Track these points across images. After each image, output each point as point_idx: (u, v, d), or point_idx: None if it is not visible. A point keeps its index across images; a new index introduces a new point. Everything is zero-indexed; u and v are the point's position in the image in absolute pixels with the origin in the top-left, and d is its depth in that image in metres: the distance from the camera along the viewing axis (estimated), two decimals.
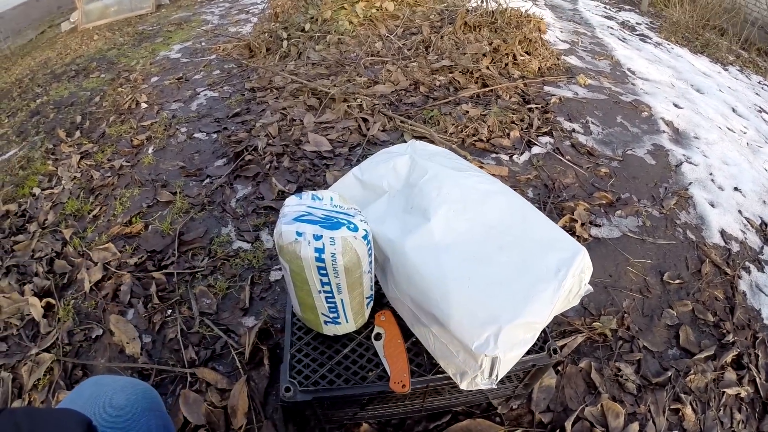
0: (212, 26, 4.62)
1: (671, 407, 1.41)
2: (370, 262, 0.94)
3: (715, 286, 1.80)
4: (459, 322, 0.85)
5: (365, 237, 0.87)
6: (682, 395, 1.43)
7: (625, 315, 1.64)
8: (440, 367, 0.96)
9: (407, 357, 0.99)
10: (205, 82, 3.23)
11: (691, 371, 1.50)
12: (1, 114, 3.46)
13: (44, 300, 1.68)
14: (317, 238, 0.83)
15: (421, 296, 0.90)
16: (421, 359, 1.01)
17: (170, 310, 1.65)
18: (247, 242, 1.88)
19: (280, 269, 1.73)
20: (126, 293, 1.71)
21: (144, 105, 3.02)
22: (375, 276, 1.06)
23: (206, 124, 2.70)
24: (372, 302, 1.06)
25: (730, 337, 1.61)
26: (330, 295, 0.91)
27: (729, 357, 1.55)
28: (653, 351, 1.56)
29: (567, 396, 1.41)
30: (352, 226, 0.85)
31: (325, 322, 1.00)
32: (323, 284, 0.89)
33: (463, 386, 0.91)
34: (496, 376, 0.87)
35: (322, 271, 0.86)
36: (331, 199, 0.92)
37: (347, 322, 1.01)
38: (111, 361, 1.52)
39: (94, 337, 1.60)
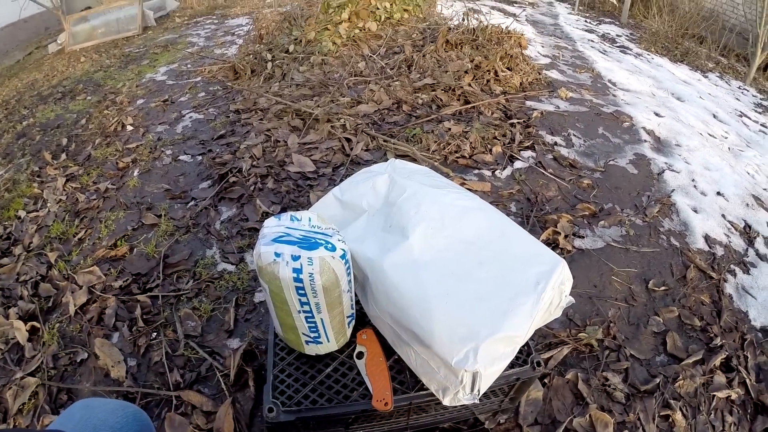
0: (198, 48, 4.65)
1: (661, 414, 1.41)
2: (349, 281, 0.94)
3: (701, 290, 1.81)
4: (439, 339, 0.85)
5: (343, 256, 0.88)
6: (672, 401, 1.43)
7: (611, 324, 1.65)
8: (423, 383, 0.97)
9: (389, 375, 0.99)
10: (190, 105, 3.24)
11: (680, 377, 1.50)
12: None
13: (29, 323, 1.67)
14: (295, 258, 0.83)
15: (401, 314, 0.91)
16: (403, 376, 1.01)
17: (155, 333, 1.64)
18: (232, 264, 1.88)
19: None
20: (111, 316, 1.70)
21: (130, 127, 3.03)
22: (356, 295, 1.07)
23: (191, 146, 2.70)
24: (353, 321, 1.07)
25: (717, 341, 1.62)
26: (310, 314, 0.92)
27: (718, 360, 1.55)
28: (640, 359, 1.56)
29: (555, 408, 1.40)
30: (329, 245, 0.85)
31: (307, 342, 1.00)
32: (302, 304, 0.89)
33: (446, 402, 0.91)
34: (478, 390, 0.87)
35: (300, 291, 0.86)
36: (310, 220, 0.92)
37: (329, 341, 1.01)
38: (96, 385, 1.51)
39: (79, 360, 1.59)
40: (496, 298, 0.90)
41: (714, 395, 1.46)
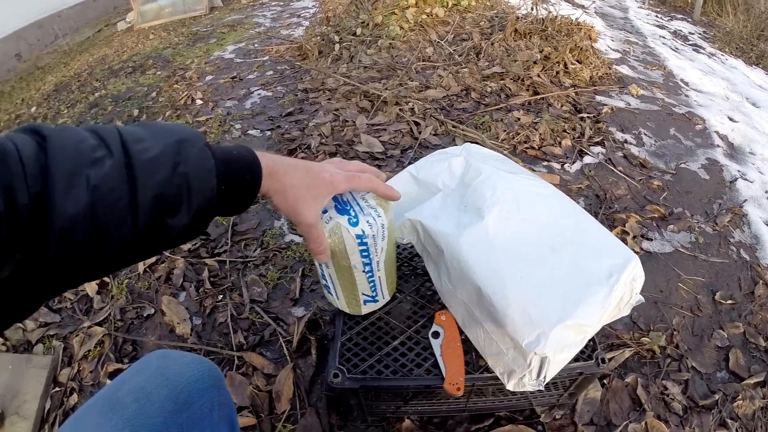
0: (264, 29, 4.72)
1: None
2: (366, 264, 0.94)
3: None
4: (511, 319, 0.85)
5: (360, 237, 0.86)
6: (729, 420, 1.38)
7: (675, 333, 1.60)
8: (488, 366, 0.97)
9: (464, 360, 0.99)
10: (258, 82, 3.31)
11: (739, 396, 1.44)
12: (61, 105, 3.67)
13: None
14: (324, 211, 0.86)
15: (475, 292, 0.91)
16: (468, 357, 1.01)
17: (221, 296, 1.70)
18: (299, 236, 1.92)
19: None
20: (179, 277, 1.77)
21: (199, 102, 3.12)
22: (429, 272, 1.09)
23: (260, 121, 2.77)
24: (372, 303, 1.07)
25: None
26: (320, 266, 0.97)
27: None
28: (701, 372, 1.50)
29: (611, 410, 1.38)
30: (354, 220, 0.85)
31: (325, 287, 1.05)
32: None
33: (510, 386, 0.91)
34: (544, 377, 0.87)
35: None
36: (366, 192, 0.90)
37: (338, 299, 1.04)
38: (161, 339, 1.59)
39: (145, 315, 1.67)
40: (568, 285, 0.89)
41: None
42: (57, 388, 1.51)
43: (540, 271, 0.91)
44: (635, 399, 1.41)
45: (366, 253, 0.91)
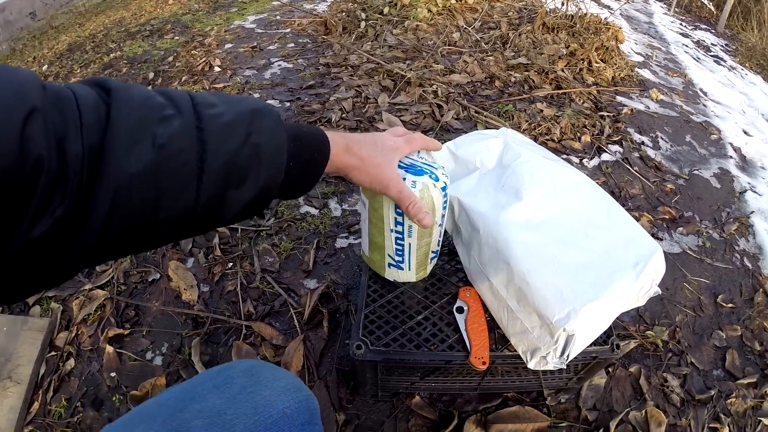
0: (287, 1, 4.67)
1: (710, 425, 1.40)
2: (443, 216, 0.98)
3: (766, 316, 1.77)
4: (544, 297, 0.88)
5: (444, 189, 0.91)
6: (722, 416, 1.43)
7: (677, 329, 1.64)
8: (508, 345, 1.00)
9: (488, 335, 1.02)
10: (279, 53, 3.28)
11: (733, 394, 1.49)
12: (74, 64, 3.63)
13: None
14: (402, 179, 0.87)
15: (507, 269, 0.94)
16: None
17: (231, 264, 1.70)
18: (315, 208, 1.93)
19: (346, 237, 1.78)
20: (188, 242, 1.77)
21: (217, 69, 3.10)
22: (458, 250, 1.11)
23: (279, 92, 2.75)
24: (436, 259, 1.12)
25: None
26: (401, 236, 0.96)
27: None
28: (699, 368, 1.55)
29: (614, 398, 1.42)
30: (434, 176, 0.88)
31: (389, 265, 1.05)
32: (397, 223, 0.93)
33: (531, 365, 0.95)
34: (568, 355, 0.91)
35: (398, 210, 0.90)
36: (419, 152, 0.95)
37: (409, 270, 1.06)
38: (165, 305, 1.58)
39: (150, 280, 1.66)
40: (598, 269, 0.93)
41: (761, 420, 1.45)
42: (53, 353, 1.48)
43: (573, 254, 0.94)
44: (637, 388, 1.46)
45: (446, 204, 0.95)
